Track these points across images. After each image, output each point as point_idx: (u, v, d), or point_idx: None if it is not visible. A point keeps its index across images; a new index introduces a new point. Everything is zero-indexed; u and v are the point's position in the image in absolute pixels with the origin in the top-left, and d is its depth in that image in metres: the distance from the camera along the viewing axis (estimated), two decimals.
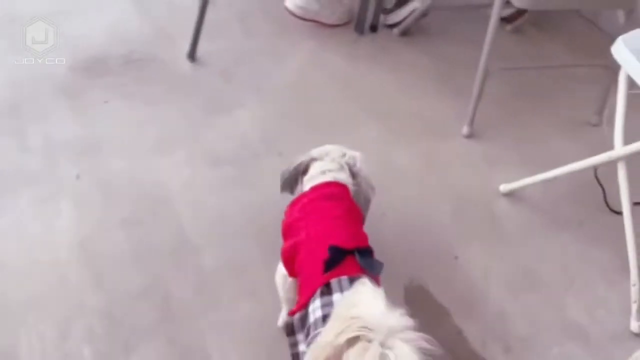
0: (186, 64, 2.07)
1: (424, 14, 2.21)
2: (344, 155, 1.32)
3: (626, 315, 1.51)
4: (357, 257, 1.04)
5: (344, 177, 1.26)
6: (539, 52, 2.34)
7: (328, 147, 1.35)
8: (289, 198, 1.34)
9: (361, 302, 0.84)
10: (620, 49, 1.42)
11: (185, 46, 2.06)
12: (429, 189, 1.77)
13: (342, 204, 1.20)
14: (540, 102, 2.13)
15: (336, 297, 0.96)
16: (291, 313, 1.05)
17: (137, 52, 2.08)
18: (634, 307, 1.48)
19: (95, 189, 1.62)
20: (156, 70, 2.03)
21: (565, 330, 1.47)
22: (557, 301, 1.53)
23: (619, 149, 1.43)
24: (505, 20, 2.34)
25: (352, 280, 0.96)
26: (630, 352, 1.44)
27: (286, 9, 2.22)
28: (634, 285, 1.48)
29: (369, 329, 0.79)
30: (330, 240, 1.06)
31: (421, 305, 1.47)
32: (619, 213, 1.74)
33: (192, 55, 2.04)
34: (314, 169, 1.29)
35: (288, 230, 1.20)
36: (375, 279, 1.04)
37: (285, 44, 2.22)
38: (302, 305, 1.02)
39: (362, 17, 2.25)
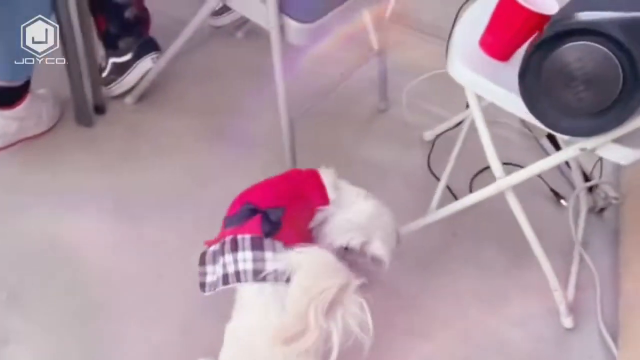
0: None
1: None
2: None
3: (551, 313, 1.46)
4: (263, 218, 1.06)
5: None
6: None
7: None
8: None
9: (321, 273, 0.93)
10: (462, 72, 1.20)
11: None
12: None
13: (293, 185, 1.19)
14: (334, 114, 1.85)
15: (240, 255, 1.01)
16: (207, 243, 1.10)
17: None
18: (561, 307, 1.44)
19: None
20: None
21: None
22: (501, 339, 1.40)
23: (504, 179, 1.25)
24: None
25: (252, 240, 1.02)
26: (577, 346, 1.40)
27: None
28: (555, 290, 1.42)
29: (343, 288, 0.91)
30: (250, 198, 1.12)
31: None
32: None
33: None
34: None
35: None
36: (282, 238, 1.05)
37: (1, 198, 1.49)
38: (215, 241, 1.08)
39: (80, 104, 1.63)
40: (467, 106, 1.83)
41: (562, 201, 1.74)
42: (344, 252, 1.12)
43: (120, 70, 1.68)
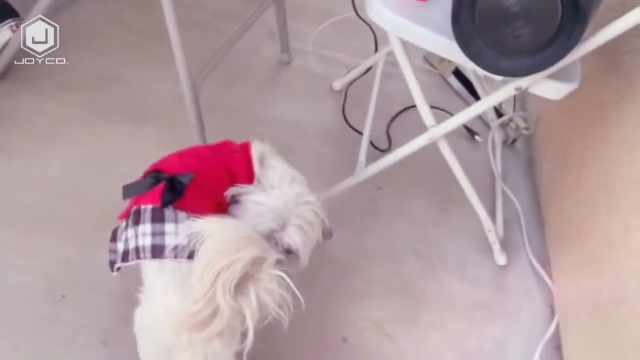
0: None
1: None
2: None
3: (484, 253, 1.46)
4: (167, 186, 0.93)
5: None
6: None
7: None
8: None
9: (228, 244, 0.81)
10: (383, 15, 1.09)
11: None
12: None
13: (219, 155, 1.05)
14: (236, 72, 1.68)
15: (140, 229, 0.89)
16: (120, 217, 0.97)
17: None
18: (495, 247, 1.43)
19: None
20: None
21: (473, 320, 1.34)
22: (442, 290, 1.38)
23: (435, 129, 1.18)
24: None
25: (153, 212, 0.90)
26: (513, 282, 1.42)
27: None
28: (489, 231, 1.41)
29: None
30: (161, 166, 0.99)
31: None
32: (385, 151, 1.61)
33: None
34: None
35: None
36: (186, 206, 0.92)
37: None
38: (126, 214, 0.95)
39: None
40: (376, 51, 1.76)
41: (477, 137, 1.72)
42: None
43: None
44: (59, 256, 1.22)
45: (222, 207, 1.00)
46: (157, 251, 0.87)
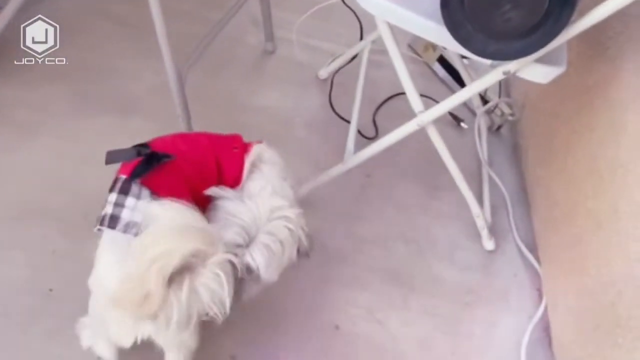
0: None
1: None
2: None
3: (472, 239, 1.47)
4: (143, 161, 0.94)
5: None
6: None
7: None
8: None
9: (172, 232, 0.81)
10: (374, 1, 1.08)
11: None
12: None
13: (215, 145, 1.03)
14: (221, 62, 1.66)
15: (111, 196, 0.90)
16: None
17: None
18: (483, 233, 1.44)
19: None
20: None
21: (463, 304, 1.35)
22: (431, 275, 1.39)
23: (423, 114, 1.19)
24: None
25: (123, 183, 0.91)
26: (501, 267, 1.43)
27: None
28: (478, 217, 1.42)
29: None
30: (153, 142, 1.00)
31: None
32: (372, 139, 1.61)
33: None
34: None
35: None
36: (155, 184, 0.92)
37: None
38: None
39: None
40: (361, 38, 1.76)
41: (462, 124, 1.73)
42: None
43: None
44: (44, 249, 1.20)
45: (200, 197, 0.98)
46: (113, 222, 0.88)
